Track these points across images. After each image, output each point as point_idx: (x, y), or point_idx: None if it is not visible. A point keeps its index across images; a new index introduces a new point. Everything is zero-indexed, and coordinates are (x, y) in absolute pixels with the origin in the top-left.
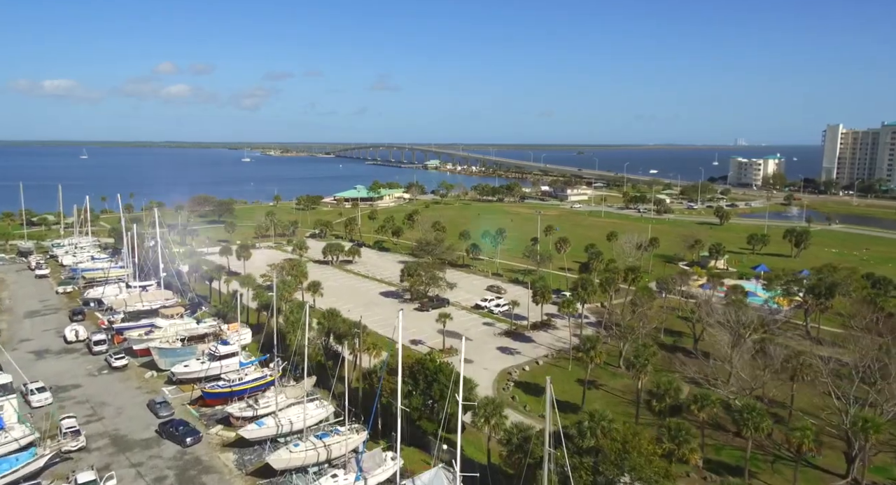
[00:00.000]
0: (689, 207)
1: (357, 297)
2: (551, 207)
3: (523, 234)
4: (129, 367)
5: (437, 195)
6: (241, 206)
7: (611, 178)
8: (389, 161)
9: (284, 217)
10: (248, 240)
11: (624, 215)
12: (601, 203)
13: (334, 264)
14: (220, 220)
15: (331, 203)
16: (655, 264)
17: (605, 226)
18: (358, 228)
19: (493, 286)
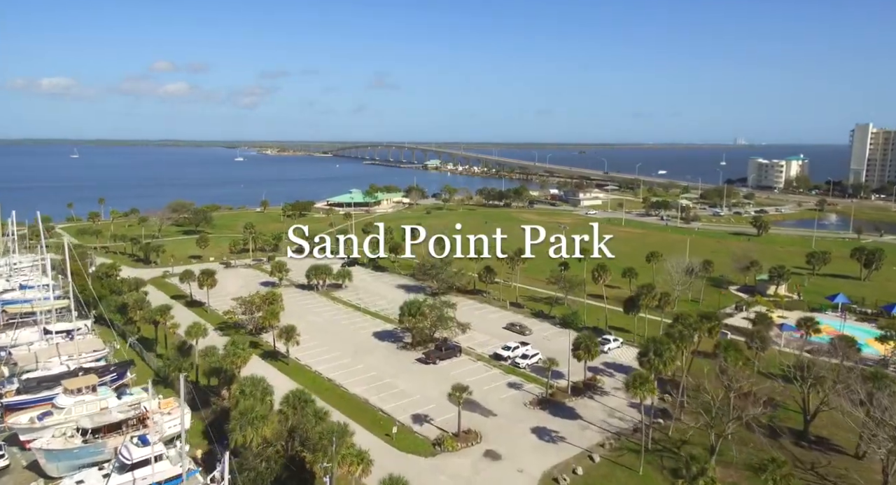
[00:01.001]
0: (715, 214)
1: (344, 339)
2: (564, 214)
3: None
4: (13, 469)
5: (438, 200)
6: (224, 212)
7: (622, 180)
8: (388, 161)
9: (270, 227)
10: (223, 256)
11: (647, 224)
12: (618, 209)
13: (320, 291)
14: (196, 230)
15: (323, 209)
16: (704, 290)
17: (631, 237)
18: (353, 239)
19: (515, 325)
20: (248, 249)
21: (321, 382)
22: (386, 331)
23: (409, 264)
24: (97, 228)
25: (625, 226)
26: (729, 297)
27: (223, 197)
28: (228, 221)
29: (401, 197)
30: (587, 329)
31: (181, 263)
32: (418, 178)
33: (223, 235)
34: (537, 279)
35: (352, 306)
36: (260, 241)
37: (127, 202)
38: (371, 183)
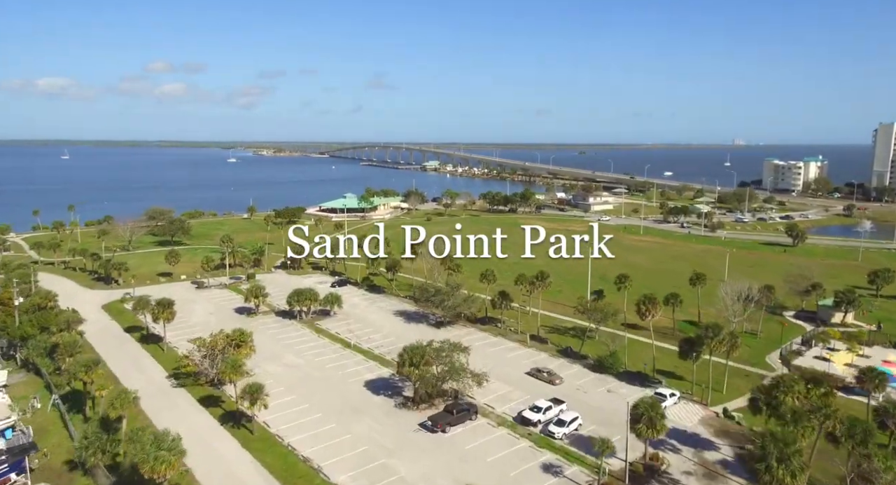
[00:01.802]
0: (739, 220)
1: (329, 392)
2: (575, 221)
3: (556, 260)
4: None
5: (439, 205)
6: (207, 219)
7: (631, 182)
8: (385, 162)
9: (255, 236)
10: (197, 273)
11: (667, 232)
12: (632, 215)
13: (303, 320)
14: (172, 240)
15: (315, 215)
16: (755, 316)
17: (653, 248)
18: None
19: (541, 371)
20: (227, 265)
21: (293, 463)
22: (381, 379)
23: (407, 282)
24: (57, 241)
25: (644, 234)
26: (791, 329)
27: (209, 201)
28: (210, 229)
29: (399, 201)
30: (629, 374)
31: (147, 283)
32: (417, 180)
33: (202, 246)
34: (558, 303)
35: (340, 342)
36: (238, 256)
37: (104, 208)
38: (367, 186)
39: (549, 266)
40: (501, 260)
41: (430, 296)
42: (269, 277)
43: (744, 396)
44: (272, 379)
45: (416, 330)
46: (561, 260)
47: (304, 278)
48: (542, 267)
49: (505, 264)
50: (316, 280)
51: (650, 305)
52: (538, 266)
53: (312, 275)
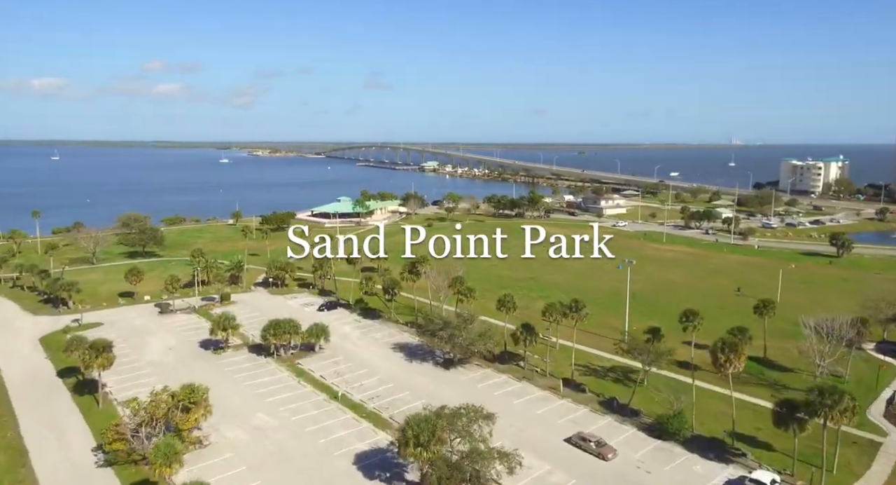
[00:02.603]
0: (766, 226)
1: (306, 476)
2: (588, 227)
3: (578, 276)
4: None
5: (440, 209)
6: (189, 225)
7: (642, 184)
8: (383, 162)
9: (238, 246)
10: (163, 294)
11: (692, 239)
12: (649, 220)
13: (281, 357)
14: (144, 251)
15: (305, 221)
16: (843, 356)
17: (683, 260)
18: (332, 272)
19: (586, 439)
20: (198, 283)
21: None
22: (377, 451)
23: (407, 304)
24: (11, 253)
25: (667, 242)
26: (889, 370)
27: (195, 206)
28: (190, 237)
29: (397, 205)
30: (700, 440)
31: (104, 306)
32: (415, 181)
33: (176, 258)
34: (588, 332)
35: (326, 390)
36: (212, 272)
37: (76, 214)
38: (363, 189)
39: (570, 283)
40: (502, 261)
41: (436, 329)
42: (248, 297)
43: (861, 478)
44: (232, 452)
45: (420, 371)
46: (585, 277)
47: (287, 299)
48: (556, 278)
49: (508, 267)
50: (302, 302)
51: (731, 354)
52: (543, 271)
53: (298, 295)
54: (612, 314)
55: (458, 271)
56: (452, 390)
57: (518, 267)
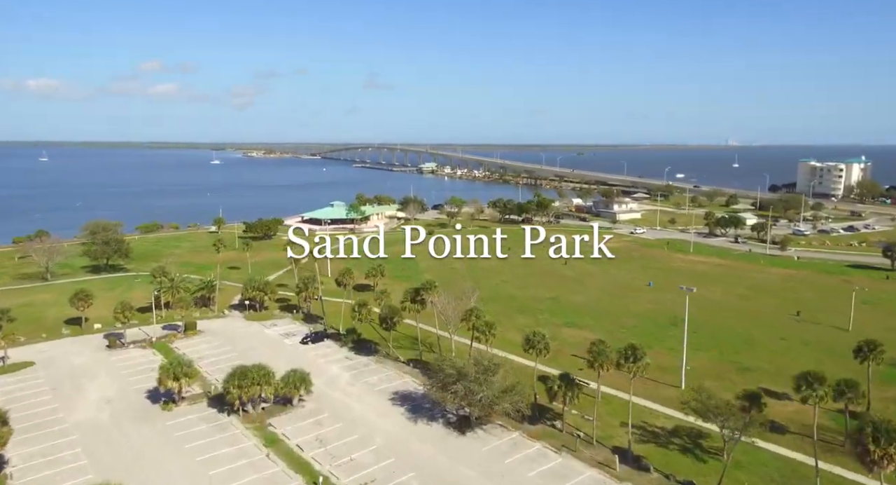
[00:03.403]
0: (798, 233)
1: None
2: (604, 234)
3: (604, 296)
4: None
5: (441, 213)
6: (166, 233)
7: (651, 186)
8: (380, 164)
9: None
10: (117, 322)
11: (722, 250)
12: (669, 226)
13: (248, 416)
14: (107, 265)
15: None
16: None
17: (718, 274)
18: (319, 292)
19: None
20: (167, 304)
21: None
22: None
23: (408, 334)
24: None
25: (695, 253)
26: None
27: (177, 210)
28: (166, 246)
29: (395, 210)
30: None
31: (43, 337)
32: (413, 183)
33: (146, 272)
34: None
35: (302, 470)
36: (177, 295)
37: (42, 220)
38: (358, 192)
39: (598, 305)
40: (515, 277)
41: (449, 382)
42: (219, 325)
43: None
44: None
45: (428, 436)
46: (613, 296)
47: (266, 327)
48: (579, 299)
49: (521, 284)
50: (282, 330)
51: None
52: (564, 289)
53: (279, 321)
54: (658, 348)
55: (471, 298)
56: (472, 468)
57: (534, 284)
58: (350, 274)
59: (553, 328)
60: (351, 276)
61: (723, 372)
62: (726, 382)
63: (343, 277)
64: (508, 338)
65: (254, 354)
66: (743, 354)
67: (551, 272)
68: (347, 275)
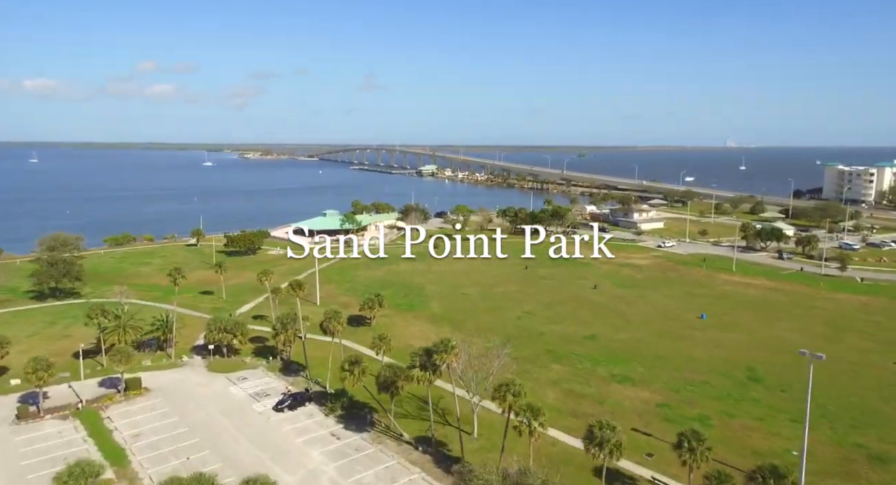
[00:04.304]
0: (846, 247)
1: None
2: (629, 247)
3: (653, 335)
4: None
5: (446, 222)
6: (140, 246)
7: (666, 190)
8: (378, 165)
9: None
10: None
11: (769, 268)
12: (699, 238)
13: None
14: (55, 290)
15: (282, 241)
16: None
17: (783, 304)
18: (303, 331)
19: None
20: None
21: None
22: None
23: (415, 397)
24: None
25: (738, 272)
26: None
27: (155, 219)
28: (135, 262)
29: (395, 219)
30: None
31: None
32: (413, 187)
33: (104, 299)
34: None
35: None
36: (126, 336)
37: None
38: (354, 200)
39: (650, 346)
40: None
41: None
42: (173, 380)
43: None
44: None
45: None
46: (664, 335)
47: (232, 383)
48: (623, 336)
49: (549, 317)
50: (253, 389)
51: None
52: (603, 324)
53: (251, 372)
54: (743, 417)
55: (499, 354)
56: None
57: (564, 316)
58: (338, 319)
59: (599, 384)
60: (339, 321)
61: (849, 464)
62: (861, 481)
63: (330, 323)
64: (544, 400)
65: (208, 432)
66: (866, 432)
67: (580, 299)
68: (335, 320)
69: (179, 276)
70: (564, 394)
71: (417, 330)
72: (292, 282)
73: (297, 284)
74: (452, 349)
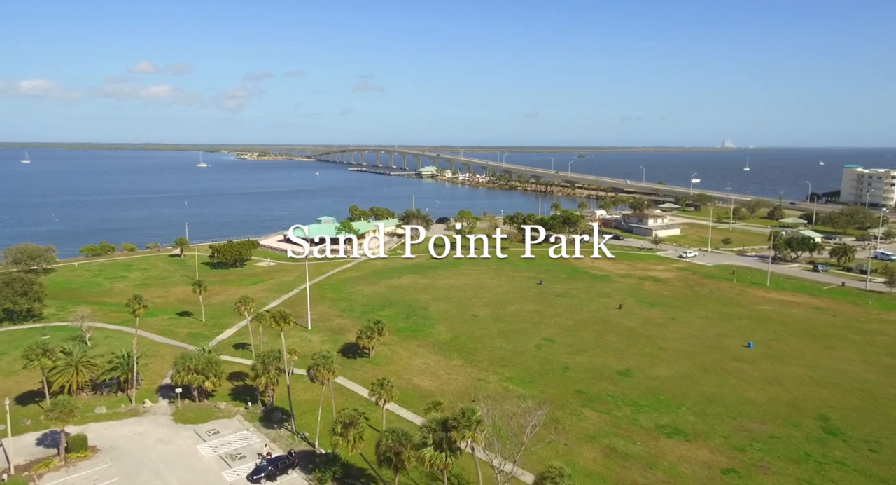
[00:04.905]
0: (882, 257)
1: None
2: (648, 257)
3: (699, 370)
4: None
5: (449, 229)
6: (118, 257)
7: (676, 193)
8: (376, 167)
9: (172, 293)
10: None
11: (805, 282)
12: (722, 247)
13: None
14: (11, 313)
15: (272, 250)
16: None
17: (834, 326)
18: (290, 368)
19: None
20: (64, 390)
21: None
22: None
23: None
24: None
25: (773, 287)
26: None
27: (140, 225)
28: (110, 275)
29: (395, 226)
30: None
31: None
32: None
33: (60, 324)
34: None
35: None
36: (76, 378)
37: None
38: (352, 205)
39: (701, 388)
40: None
41: None
42: (129, 435)
43: None
44: None
45: None
46: (711, 369)
47: (201, 439)
48: (661, 372)
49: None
50: (224, 448)
51: None
52: (637, 357)
53: (224, 423)
54: None
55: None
56: None
57: (590, 343)
58: (328, 365)
59: (645, 438)
60: (329, 368)
61: None
62: None
63: (318, 371)
64: (581, 463)
65: None
66: None
67: (604, 321)
68: (324, 367)
69: (139, 305)
70: (605, 454)
71: (423, 363)
72: (275, 313)
73: (280, 315)
74: (477, 425)
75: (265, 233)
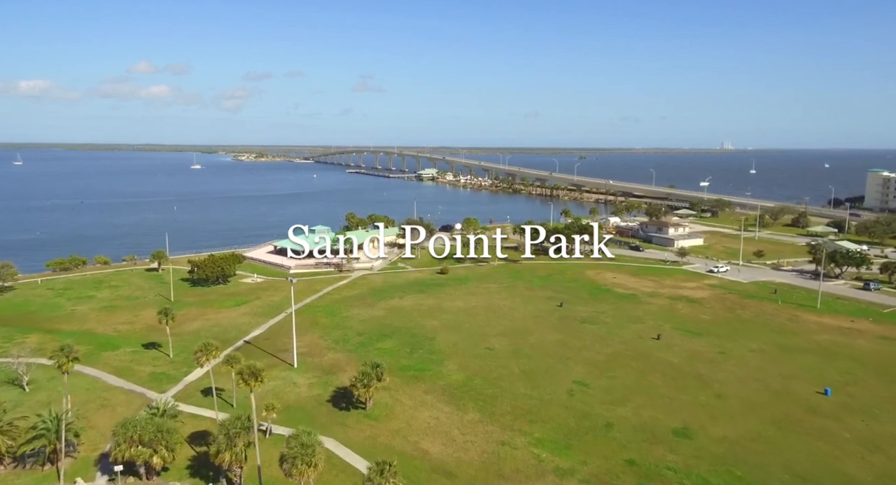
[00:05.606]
0: None
1: None
2: (670, 273)
3: (770, 426)
4: None
5: (451, 237)
6: (91, 271)
7: (688, 198)
8: (375, 169)
9: (142, 317)
10: None
11: (860, 304)
12: (754, 260)
13: None
14: None
15: (259, 263)
16: None
17: None
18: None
19: None
20: None
21: None
22: None
23: None
24: None
25: (825, 310)
26: None
27: (121, 233)
28: (77, 293)
29: (395, 235)
30: None
31: None
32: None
33: (10, 358)
34: None
35: None
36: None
37: None
38: (349, 212)
39: (761, 446)
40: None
41: None
42: None
43: None
44: None
45: None
46: (781, 426)
47: None
48: (726, 431)
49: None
50: None
51: None
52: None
53: None
54: None
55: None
56: None
57: (630, 388)
58: (308, 459)
59: None
60: (310, 462)
61: None
62: None
63: (293, 466)
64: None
65: None
66: None
67: (645, 357)
68: (301, 461)
69: (68, 358)
70: None
71: (431, 418)
72: (244, 369)
73: (250, 372)
74: None
75: (253, 243)
